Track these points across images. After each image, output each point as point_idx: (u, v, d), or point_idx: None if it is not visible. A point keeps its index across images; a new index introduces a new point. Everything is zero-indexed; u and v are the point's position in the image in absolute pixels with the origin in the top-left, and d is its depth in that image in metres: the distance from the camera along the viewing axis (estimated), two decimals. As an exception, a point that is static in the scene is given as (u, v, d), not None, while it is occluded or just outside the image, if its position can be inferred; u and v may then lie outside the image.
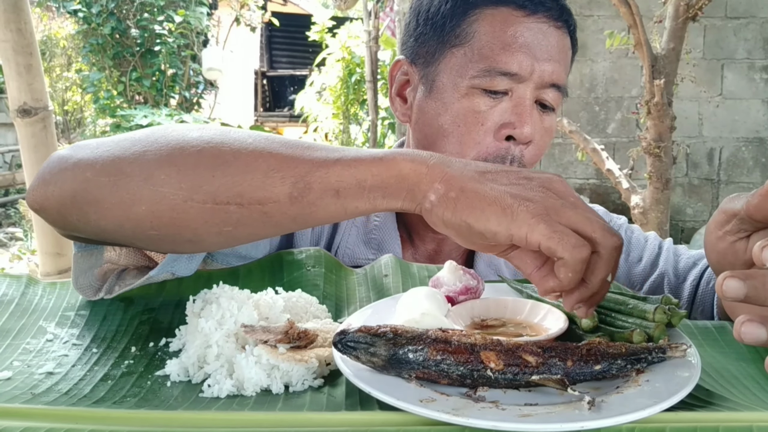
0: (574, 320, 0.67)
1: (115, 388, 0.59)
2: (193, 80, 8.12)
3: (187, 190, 0.64)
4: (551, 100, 0.97)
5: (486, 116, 0.94)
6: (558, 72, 0.95)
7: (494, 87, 0.93)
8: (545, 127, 0.98)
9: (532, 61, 0.93)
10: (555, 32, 0.95)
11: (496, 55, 0.93)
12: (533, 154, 0.97)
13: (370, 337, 0.56)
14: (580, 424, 0.48)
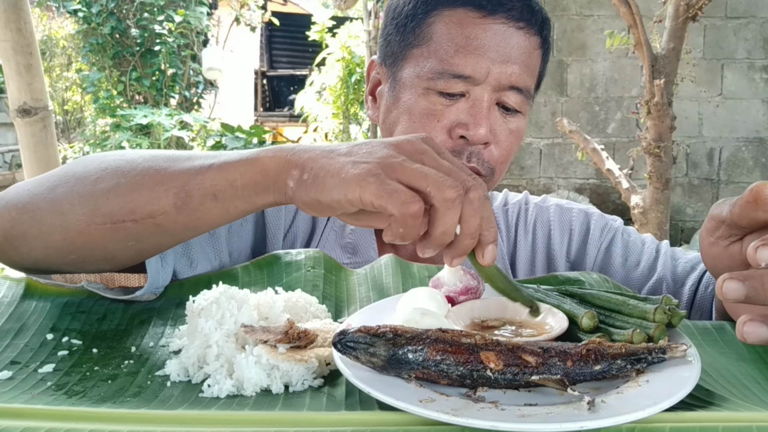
0: (575, 320, 0.67)
1: (115, 388, 0.59)
2: (193, 80, 8.12)
3: (88, 214, 0.72)
4: (513, 104, 0.96)
5: (441, 114, 0.94)
6: (518, 74, 0.94)
7: (448, 89, 0.93)
8: (510, 129, 0.97)
9: (487, 64, 0.92)
10: (516, 33, 0.94)
11: (450, 58, 0.93)
12: (497, 156, 0.97)
13: (369, 337, 0.56)
14: (580, 424, 0.48)
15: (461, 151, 0.94)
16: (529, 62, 0.96)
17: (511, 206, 1.14)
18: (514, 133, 0.98)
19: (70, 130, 10.09)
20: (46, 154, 2.22)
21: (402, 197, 0.57)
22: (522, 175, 5.05)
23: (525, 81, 0.95)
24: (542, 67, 1.02)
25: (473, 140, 0.93)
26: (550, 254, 1.09)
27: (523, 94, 0.96)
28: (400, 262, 0.87)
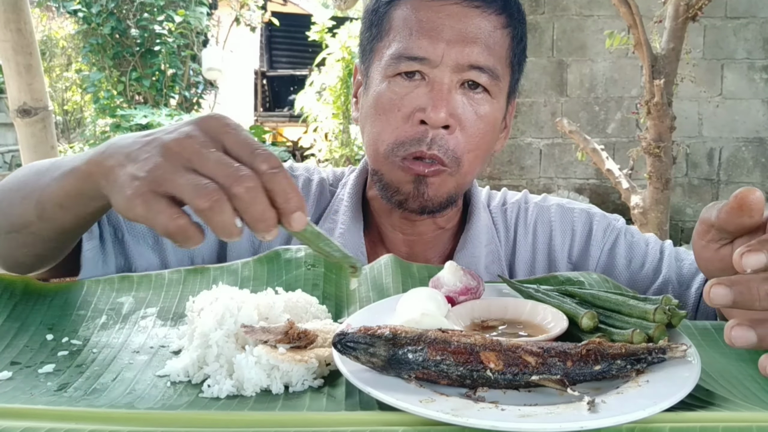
0: (575, 320, 0.67)
1: (115, 388, 0.59)
2: (193, 80, 8.12)
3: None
4: (477, 80, 0.94)
5: (402, 101, 0.94)
6: (477, 54, 0.93)
7: (405, 70, 0.94)
8: (477, 113, 0.95)
9: (442, 45, 0.92)
10: (472, 13, 0.93)
11: (404, 41, 0.94)
12: (463, 143, 0.95)
13: (369, 337, 0.56)
14: (580, 424, 0.48)
15: (422, 139, 0.93)
16: (491, 42, 0.94)
17: (510, 206, 1.13)
18: (483, 119, 0.96)
19: (70, 130, 10.08)
20: (46, 155, 2.22)
21: (164, 218, 0.58)
22: (522, 175, 5.05)
23: (486, 60, 0.94)
24: (516, 48, 1.00)
25: (432, 123, 0.92)
26: (551, 255, 1.08)
27: (487, 74, 0.94)
28: (400, 262, 0.87)
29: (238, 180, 0.57)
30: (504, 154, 5.02)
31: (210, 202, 0.57)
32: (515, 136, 4.99)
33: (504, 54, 0.97)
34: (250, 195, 0.57)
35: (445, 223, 1.08)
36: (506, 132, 1.11)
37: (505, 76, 0.99)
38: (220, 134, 0.60)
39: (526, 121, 4.98)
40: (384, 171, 0.98)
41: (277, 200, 0.58)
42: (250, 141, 0.60)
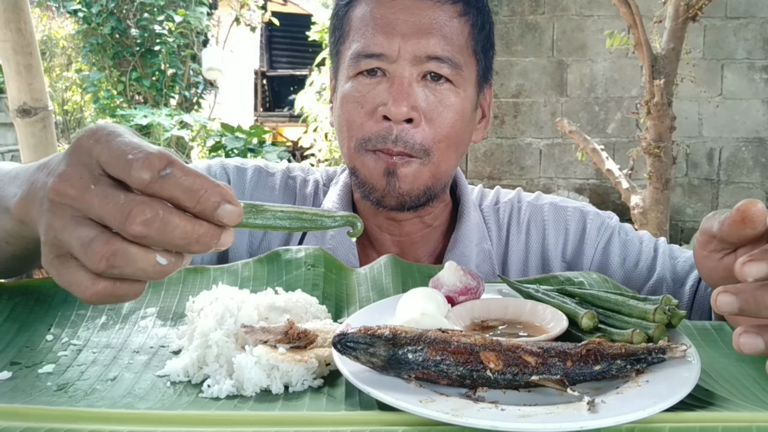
0: (575, 320, 0.67)
1: (115, 388, 0.59)
2: (193, 80, 8.12)
3: None
4: (438, 71, 0.94)
5: (365, 99, 0.95)
6: (434, 44, 0.93)
7: (361, 68, 0.95)
8: (442, 103, 0.95)
9: (397, 40, 0.93)
10: (425, 5, 0.94)
11: (362, 40, 0.95)
12: (431, 134, 0.95)
13: (369, 337, 0.56)
14: (580, 424, 0.48)
15: (387, 135, 0.93)
16: (447, 32, 0.95)
17: (503, 205, 1.12)
18: (449, 109, 0.96)
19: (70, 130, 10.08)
20: (46, 155, 2.21)
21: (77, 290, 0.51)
22: (522, 175, 5.05)
23: (444, 50, 0.94)
24: (478, 36, 1.00)
25: (394, 118, 0.92)
26: (544, 254, 1.08)
27: (447, 64, 0.94)
28: (400, 262, 0.87)
29: (129, 217, 0.47)
30: (504, 154, 5.02)
31: (102, 260, 0.48)
32: (515, 136, 4.99)
33: (464, 43, 0.97)
34: (152, 226, 0.48)
35: (432, 221, 1.08)
36: (485, 122, 1.11)
37: (470, 65, 0.99)
38: (93, 156, 0.50)
39: (526, 121, 4.98)
40: (357, 166, 0.99)
41: (188, 206, 0.49)
42: (122, 148, 0.49)
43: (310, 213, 0.57)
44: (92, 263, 0.49)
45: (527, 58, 4.91)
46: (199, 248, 0.49)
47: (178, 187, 0.48)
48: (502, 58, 4.91)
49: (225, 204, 0.49)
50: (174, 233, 0.48)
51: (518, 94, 4.95)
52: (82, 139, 0.52)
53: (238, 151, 5.78)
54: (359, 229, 0.59)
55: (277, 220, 0.55)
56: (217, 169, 1.11)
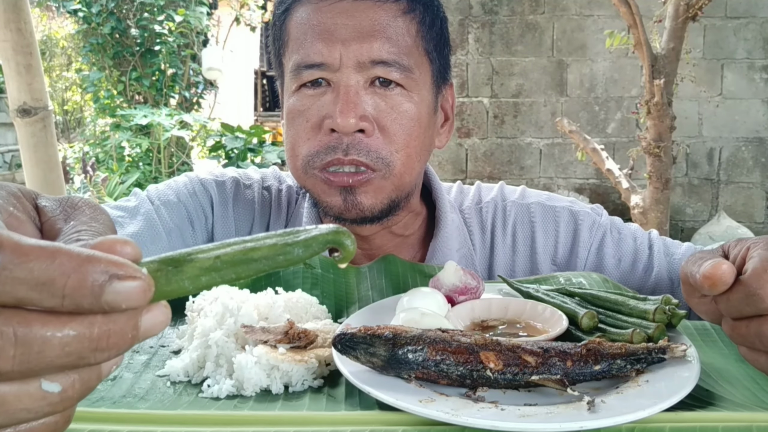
0: (575, 320, 0.67)
1: (115, 388, 0.59)
2: (193, 80, 8.11)
3: None
4: (386, 76, 0.88)
5: (309, 112, 0.89)
6: (378, 48, 0.86)
7: (305, 80, 0.88)
8: (395, 109, 0.88)
9: (337, 47, 0.86)
10: (363, 6, 0.87)
11: (301, 50, 0.88)
12: (386, 142, 0.88)
13: (369, 337, 0.56)
14: (580, 424, 0.48)
15: (336, 146, 0.86)
16: (391, 33, 0.87)
17: (486, 205, 1.06)
18: (404, 115, 0.89)
19: (70, 130, 10.08)
20: (46, 154, 2.22)
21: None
22: (522, 175, 5.04)
23: (389, 53, 0.87)
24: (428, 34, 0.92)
25: (341, 130, 0.85)
26: (533, 257, 1.02)
27: (394, 67, 0.87)
28: (400, 262, 0.87)
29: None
30: (504, 153, 5.02)
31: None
32: (515, 135, 4.99)
33: (412, 43, 0.90)
34: (6, 359, 0.31)
35: (402, 231, 1.02)
36: (449, 125, 1.03)
37: (422, 66, 0.92)
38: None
39: (526, 121, 4.98)
40: (309, 186, 0.92)
41: (52, 306, 0.31)
42: None
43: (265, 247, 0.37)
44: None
45: (527, 58, 4.91)
46: (107, 355, 0.33)
47: (21, 284, 0.30)
48: (502, 58, 4.91)
49: (113, 283, 0.32)
50: (47, 353, 0.31)
51: (518, 94, 4.95)
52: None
53: (238, 151, 5.78)
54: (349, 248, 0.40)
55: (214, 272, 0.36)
56: (195, 185, 1.04)
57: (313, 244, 0.38)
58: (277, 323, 0.66)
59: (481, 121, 4.97)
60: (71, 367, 0.32)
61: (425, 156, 0.95)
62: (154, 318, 0.34)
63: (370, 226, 0.96)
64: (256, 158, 5.64)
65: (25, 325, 0.30)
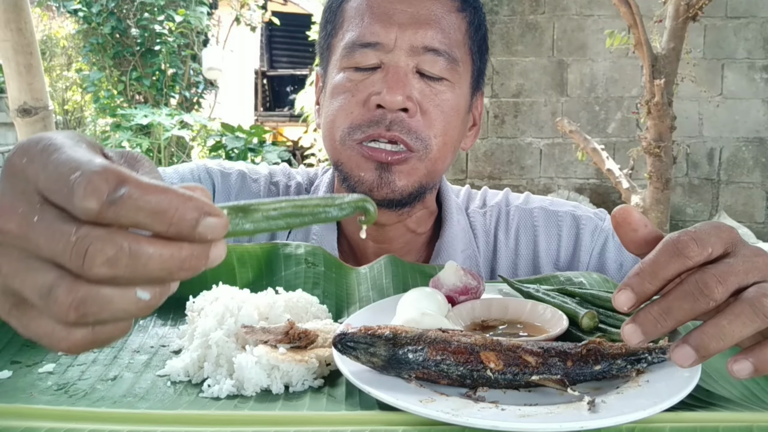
0: (575, 320, 0.67)
1: (115, 388, 0.59)
2: (193, 80, 8.11)
3: None
4: (433, 68, 0.92)
5: (357, 87, 0.92)
6: (432, 36, 0.91)
7: (362, 62, 0.92)
8: (436, 98, 0.93)
9: (394, 29, 0.91)
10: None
11: (357, 29, 0.93)
12: (424, 125, 0.91)
13: (369, 337, 0.56)
14: (580, 424, 0.48)
15: (380, 120, 0.90)
16: (445, 25, 0.93)
17: (490, 209, 1.08)
18: (445, 105, 0.93)
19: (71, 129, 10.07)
20: (46, 154, 2.21)
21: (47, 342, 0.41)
22: (522, 175, 5.04)
23: (441, 43, 0.92)
24: (475, 35, 0.98)
25: (389, 106, 0.89)
26: (535, 261, 1.04)
27: (443, 57, 0.92)
28: (400, 262, 0.87)
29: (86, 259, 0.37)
30: (504, 153, 5.02)
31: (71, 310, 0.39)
32: (515, 136, 4.99)
33: (461, 38, 0.95)
34: (119, 265, 0.38)
35: (416, 227, 1.04)
36: (476, 130, 1.07)
37: (466, 63, 0.97)
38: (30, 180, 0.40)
39: (526, 121, 4.98)
40: (343, 160, 0.94)
41: (158, 230, 0.39)
42: (61, 169, 0.38)
43: (311, 205, 0.47)
44: (59, 315, 0.39)
45: (527, 58, 4.91)
46: (186, 275, 0.41)
47: (140, 211, 0.38)
48: (502, 58, 4.91)
49: (205, 218, 0.39)
50: (149, 266, 0.39)
51: (518, 94, 4.95)
52: (14, 158, 0.41)
53: (238, 151, 5.78)
54: (372, 214, 0.49)
55: (271, 221, 0.46)
56: (201, 173, 1.07)
57: (346, 207, 0.48)
58: (277, 323, 0.66)
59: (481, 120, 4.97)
60: (160, 281, 0.41)
61: (456, 150, 1.00)
62: (218, 251, 0.42)
63: (390, 214, 0.97)
64: (256, 158, 5.64)
65: (137, 243, 0.38)
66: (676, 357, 0.51)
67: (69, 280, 0.39)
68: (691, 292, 0.50)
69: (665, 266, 0.51)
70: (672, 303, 0.51)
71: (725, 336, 0.50)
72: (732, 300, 0.51)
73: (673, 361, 0.51)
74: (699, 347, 0.50)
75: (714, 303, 0.50)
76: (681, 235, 0.52)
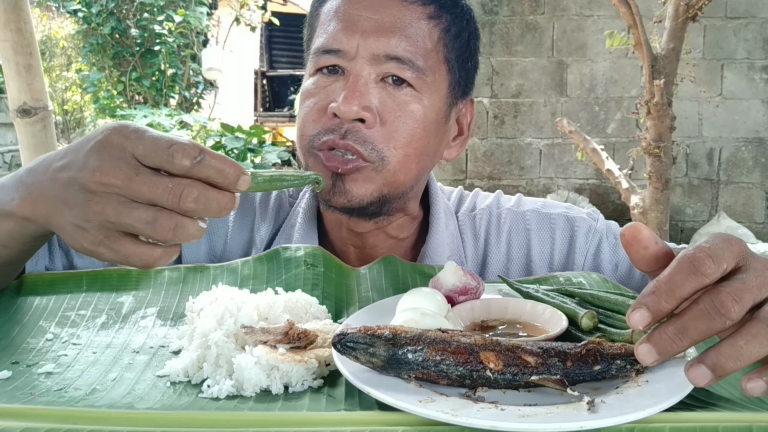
0: (574, 320, 0.67)
1: (115, 388, 0.59)
2: (192, 80, 8.11)
3: None
4: (398, 74, 0.89)
5: (319, 94, 0.91)
6: (395, 44, 0.88)
7: (321, 65, 0.91)
8: (398, 106, 0.89)
9: (357, 37, 0.88)
10: (391, 3, 0.90)
11: (323, 35, 0.92)
12: (383, 136, 0.89)
13: (369, 337, 0.56)
14: (580, 424, 0.48)
15: (335, 130, 0.88)
16: (411, 32, 0.90)
17: (480, 212, 1.05)
18: (409, 115, 0.90)
19: (70, 130, 10.08)
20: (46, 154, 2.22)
21: (137, 260, 0.61)
22: (522, 175, 5.05)
23: (406, 51, 0.89)
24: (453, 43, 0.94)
25: (342, 116, 0.87)
26: (528, 266, 1.02)
27: (407, 66, 0.89)
28: (399, 262, 0.87)
29: (181, 198, 0.58)
30: (504, 154, 5.02)
31: (170, 232, 0.59)
32: (515, 136, 5.00)
33: (431, 47, 0.91)
34: (200, 202, 0.59)
35: (397, 233, 1.02)
36: (462, 140, 1.03)
37: (438, 72, 0.93)
38: (127, 150, 0.59)
39: (526, 121, 4.98)
40: (309, 165, 0.94)
41: (218, 183, 0.60)
42: (159, 142, 0.59)
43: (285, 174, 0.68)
44: (160, 235, 0.59)
45: (527, 58, 4.91)
46: (226, 213, 0.61)
47: (211, 169, 0.59)
48: (501, 58, 4.91)
49: (242, 176, 0.60)
50: (212, 205, 0.59)
51: (518, 94, 4.95)
52: (111, 136, 0.60)
53: (238, 151, 5.77)
54: (322, 183, 0.72)
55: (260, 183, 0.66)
56: None
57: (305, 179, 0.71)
58: (277, 323, 0.66)
59: (481, 121, 4.97)
60: (212, 216, 0.60)
61: (427, 162, 0.95)
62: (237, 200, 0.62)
63: (365, 223, 0.97)
64: (256, 158, 5.64)
65: (207, 189, 0.59)
66: (692, 376, 0.51)
67: (167, 212, 0.59)
68: (707, 311, 0.50)
69: (682, 285, 0.51)
70: (687, 323, 0.50)
71: (742, 356, 0.50)
72: (747, 318, 0.51)
73: (689, 379, 0.51)
74: (715, 367, 0.50)
75: (731, 322, 0.50)
76: (696, 252, 0.51)
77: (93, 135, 0.63)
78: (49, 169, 0.64)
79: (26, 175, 0.67)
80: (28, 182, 0.66)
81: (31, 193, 0.66)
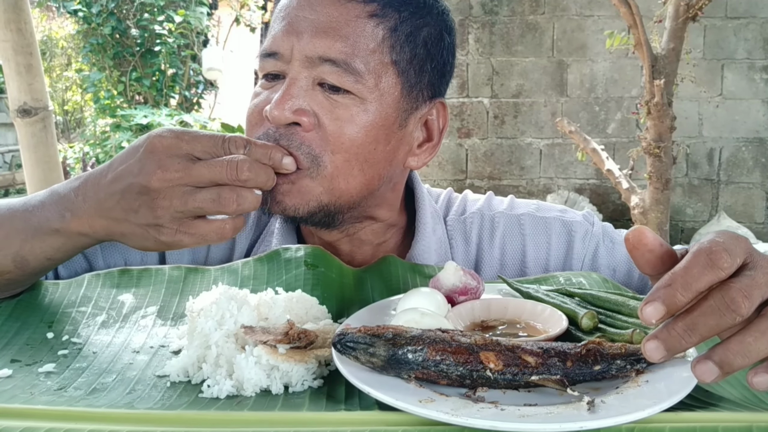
0: (575, 320, 0.67)
1: (115, 388, 0.59)
2: (193, 80, 8.11)
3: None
4: (332, 80, 0.83)
5: (259, 100, 0.87)
6: (328, 45, 0.83)
7: (264, 70, 0.88)
8: (335, 110, 0.83)
9: (292, 38, 0.84)
10: (328, 2, 0.84)
11: (268, 37, 0.89)
12: (323, 142, 0.83)
13: (369, 337, 0.56)
14: (580, 424, 0.48)
15: (269, 135, 0.83)
16: (348, 32, 0.83)
17: (470, 216, 1.01)
18: (347, 119, 0.84)
19: (70, 130, 10.08)
20: (46, 155, 2.22)
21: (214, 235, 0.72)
22: (522, 175, 5.04)
23: (340, 52, 0.83)
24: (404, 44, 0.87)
25: (274, 121, 0.82)
26: (522, 270, 0.98)
27: (341, 68, 0.83)
28: (400, 262, 0.87)
29: (238, 168, 0.69)
30: (504, 154, 5.02)
31: (234, 203, 0.69)
32: (515, 136, 4.99)
33: (374, 48, 0.85)
34: (253, 170, 0.70)
35: (373, 239, 0.97)
36: (431, 146, 0.94)
37: (383, 75, 0.85)
38: (183, 148, 0.69)
39: (526, 121, 4.98)
40: None
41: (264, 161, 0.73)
42: (214, 138, 0.70)
43: None
44: (227, 208, 0.69)
45: (527, 58, 4.91)
46: (271, 184, 0.74)
47: (260, 153, 0.73)
48: (501, 58, 4.91)
49: (286, 158, 0.77)
50: (260, 176, 0.71)
51: (518, 94, 4.95)
52: (155, 141, 0.70)
53: (238, 151, 5.77)
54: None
55: None
56: None
57: None
58: (277, 324, 0.66)
59: (481, 121, 4.97)
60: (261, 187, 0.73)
61: (377, 169, 0.88)
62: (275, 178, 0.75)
63: (330, 232, 0.93)
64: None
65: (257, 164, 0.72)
66: (699, 372, 0.50)
67: (227, 187, 0.70)
68: (717, 307, 0.50)
69: (699, 278, 0.50)
70: (697, 319, 0.50)
71: (750, 353, 0.50)
72: (754, 315, 0.51)
73: (695, 376, 0.51)
74: (723, 364, 0.50)
75: (741, 319, 0.50)
76: (712, 245, 0.51)
77: (136, 145, 0.71)
78: (100, 185, 0.72)
79: (73, 194, 0.74)
80: (79, 200, 0.74)
81: (86, 210, 0.73)
